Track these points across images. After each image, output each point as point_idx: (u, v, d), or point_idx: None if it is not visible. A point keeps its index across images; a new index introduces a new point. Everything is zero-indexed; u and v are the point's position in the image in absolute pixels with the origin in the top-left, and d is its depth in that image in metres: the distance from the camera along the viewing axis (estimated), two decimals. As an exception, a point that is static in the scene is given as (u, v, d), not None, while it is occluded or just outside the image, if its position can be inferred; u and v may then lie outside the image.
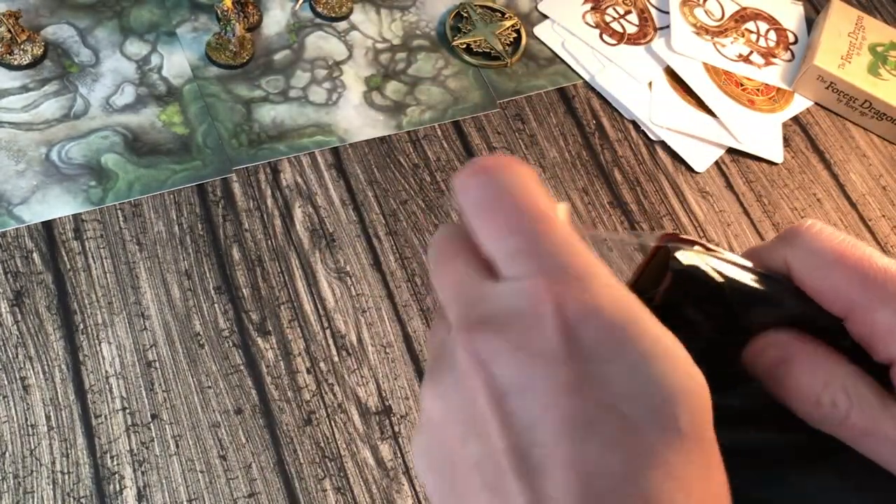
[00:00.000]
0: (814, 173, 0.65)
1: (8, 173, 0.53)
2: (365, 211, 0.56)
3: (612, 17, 0.70)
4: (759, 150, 0.65)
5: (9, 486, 0.44)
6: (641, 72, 0.67)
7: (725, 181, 0.63)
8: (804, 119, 0.68)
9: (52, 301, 0.50)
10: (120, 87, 0.58)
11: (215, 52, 0.60)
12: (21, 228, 0.52)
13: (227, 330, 0.51)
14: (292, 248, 0.54)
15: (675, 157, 0.64)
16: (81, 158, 0.55)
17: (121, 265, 0.52)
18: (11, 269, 0.50)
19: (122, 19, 0.62)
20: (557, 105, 0.64)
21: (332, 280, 0.53)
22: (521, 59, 0.66)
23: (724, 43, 0.70)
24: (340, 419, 0.49)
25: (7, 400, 0.46)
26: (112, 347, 0.49)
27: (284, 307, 0.52)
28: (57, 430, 0.46)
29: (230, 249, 0.53)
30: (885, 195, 0.65)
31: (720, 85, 0.67)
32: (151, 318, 0.50)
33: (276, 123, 0.59)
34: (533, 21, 0.69)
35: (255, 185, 0.56)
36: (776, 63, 0.71)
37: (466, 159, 0.60)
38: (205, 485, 0.46)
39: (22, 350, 0.48)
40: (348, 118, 0.60)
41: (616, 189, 0.61)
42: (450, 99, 0.63)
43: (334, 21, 0.65)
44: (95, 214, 0.53)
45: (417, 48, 0.65)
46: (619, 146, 0.63)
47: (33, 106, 0.56)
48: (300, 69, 0.62)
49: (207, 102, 0.59)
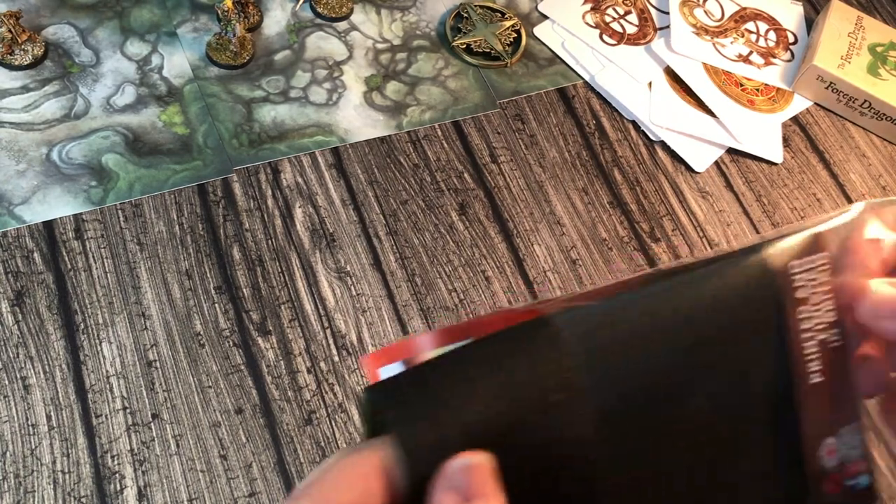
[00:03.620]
0: (813, 173, 0.65)
1: (9, 173, 0.54)
2: (365, 211, 0.57)
3: (611, 18, 0.70)
4: (758, 150, 0.65)
5: (9, 486, 0.44)
6: (641, 72, 0.67)
7: (725, 181, 0.63)
8: (804, 119, 0.69)
9: (52, 301, 0.50)
10: (120, 88, 0.58)
11: (216, 52, 0.60)
12: (22, 228, 0.52)
13: (227, 330, 0.51)
14: (293, 247, 0.54)
15: (674, 157, 0.64)
16: (82, 158, 0.55)
17: (121, 265, 0.52)
18: (12, 268, 0.50)
19: (122, 20, 0.62)
20: (557, 105, 0.64)
21: (332, 280, 0.53)
22: (521, 59, 0.66)
23: (723, 43, 0.70)
24: (341, 419, 0.49)
25: (8, 399, 0.46)
26: (113, 347, 0.49)
27: (285, 307, 0.52)
28: (58, 430, 0.46)
29: (231, 249, 0.53)
30: (885, 195, 0.65)
31: (720, 85, 0.67)
32: (152, 318, 0.50)
33: (276, 123, 0.59)
34: (533, 21, 0.69)
35: (256, 185, 0.56)
36: (776, 63, 0.71)
37: (466, 159, 0.60)
38: (205, 484, 0.46)
39: (23, 350, 0.48)
40: (348, 118, 0.60)
41: (616, 189, 0.61)
42: (450, 99, 0.63)
43: (334, 21, 0.65)
44: (96, 214, 0.53)
45: (417, 48, 0.65)
46: (619, 146, 0.63)
47: (34, 106, 0.57)
48: (300, 69, 0.62)
49: (208, 103, 0.59)
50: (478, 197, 0.59)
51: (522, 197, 0.59)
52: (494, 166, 0.60)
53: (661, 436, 0.28)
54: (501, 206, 0.58)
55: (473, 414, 0.25)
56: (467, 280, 0.55)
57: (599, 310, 0.28)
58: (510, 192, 0.59)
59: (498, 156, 0.61)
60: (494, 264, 0.56)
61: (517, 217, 0.58)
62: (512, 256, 0.56)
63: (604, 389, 0.27)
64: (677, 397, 0.28)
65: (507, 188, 0.59)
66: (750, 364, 0.30)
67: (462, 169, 0.60)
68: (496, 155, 0.61)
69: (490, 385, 0.26)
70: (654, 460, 0.28)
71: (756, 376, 0.30)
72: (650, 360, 0.28)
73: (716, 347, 0.30)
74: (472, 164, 0.60)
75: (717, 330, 0.30)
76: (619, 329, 0.28)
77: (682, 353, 0.29)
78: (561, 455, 0.26)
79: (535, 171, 0.61)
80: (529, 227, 0.58)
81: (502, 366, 0.26)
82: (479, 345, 0.27)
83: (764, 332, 0.30)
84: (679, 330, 0.29)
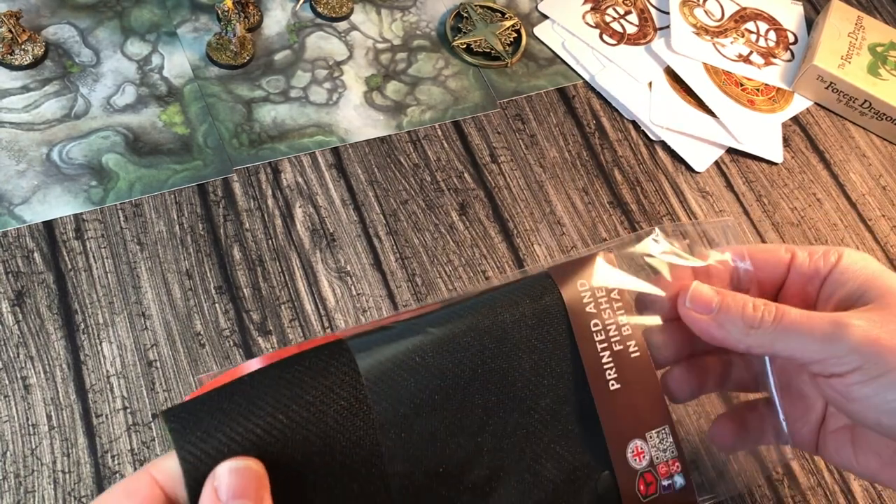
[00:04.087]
0: (813, 173, 0.65)
1: (9, 173, 0.54)
2: (365, 211, 0.57)
3: (612, 18, 0.70)
4: (758, 150, 0.65)
5: (10, 486, 0.44)
6: (641, 72, 0.67)
7: (725, 181, 0.63)
8: (804, 119, 0.69)
9: (53, 301, 0.50)
10: (121, 88, 0.58)
11: (216, 52, 0.60)
12: (22, 228, 0.52)
13: (227, 329, 0.51)
14: (293, 247, 0.54)
15: (675, 157, 0.64)
16: (82, 158, 0.55)
17: (122, 265, 0.52)
18: (12, 268, 0.51)
19: (122, 19, 0.62)
20: (557, 105, 0.64)
21: (332, 280, 0.53)
22: (521, 59, 0.66)
23: (723, 43, 0.70)
24: (341, 419, 0.49)
25: (8, 399, 0.47)
26: (113, 347, 0.49)
27: (285, 307, 0.52)
28: (58, 430, 0.46)
29: (231, 249, 0.53)
30: (885, 195, 0.65)
31: (720, 85, 0.67)
32: (152, 318, 0.50)
33: (276, 123, 0.59)
34: (533, 21, 0.69)
35: (256, 185, 0.56)
36: (776, 63, 0.71)
37: (466, 159, 0.60)
38: (206, 484, 0.46)
39: (23, 350, 0.48)
40: (349, 118, 0.60)
41: (616, 189, 0.61)
42: (450, 99, 0.63)
43: (335, 21, 0.65)
44: (96, 214, 0.53)
45: (418, 48, 0.65)
46: (619, 146, 0.63)
47: (34, 106, 0.57)
48: (301, 69, 0.62)
49: (208, 102, 0.59)
50: (478, 197, 0.59)
51: (522, 197, 0.59)
52: (494, 166, 0.60)
53: (446, 443, 0.30)
54: (501, 206, 0.58)
55: (253, 425, 0.27)
56: (467, 280, 0.55)
57: (388, 333, 0.31)
58: (510, 192, 0.59)
59: (498, 156, 0.61)
60: (495, 264, 0.56)
61: (517, 217, 0.58)
62: (512, 256, 0.56)
63: (385, 400, 0.29)
64: (460, 407, 0.30)
65: (507, 188, 0.59)
66: (539, 374, 0.32)
67: (462, 169, 0.60)
68: (496, 155, 0.61)
69: (274, 398, 0.28)
70: (440, 466, 0.29)
71: (546, 386, 0.32)
72: (432, 375, 0.30)
73: (500, 361, 0.32)
74: (472, 164, 0.60)
75: (504, 345, 0.32)
76: (402, 347, 0.30)
77: (466, 367, 0.31)
78: (345, 458, 0.28)
79: (535, 170, 0.61)
80: (530, 226, 0.58)
81: (291, 382, 0.28)
82: (275, 366, 0.29)
83: (553, 345, 0.33)
84: (465, 346, 0.31)
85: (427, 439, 0.29)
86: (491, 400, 0.31)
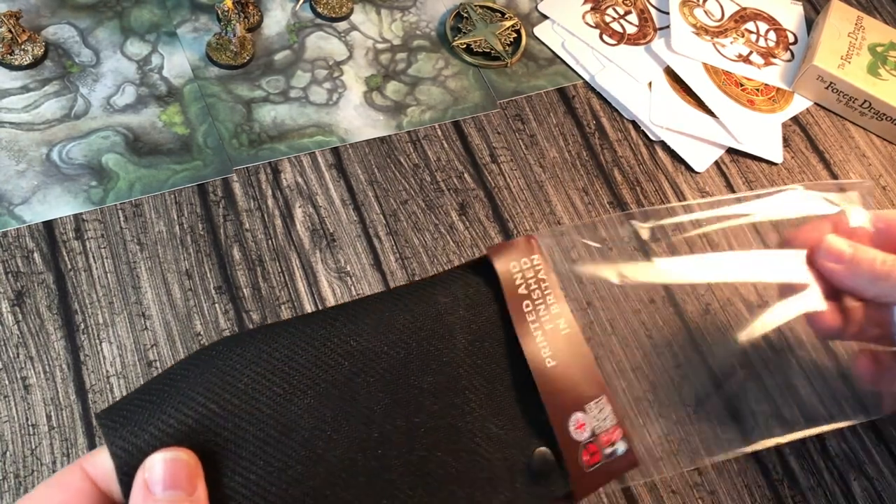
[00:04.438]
0: (813, 173, 0.65)
1: (8, 173, 0.54)
2: (365, 211, 0.57)
3: (611, 18, 0.70)
4: (758, 150, 0.65)
5: (9, 486, 0.44)
6: (641, 72, 0.67)
7: (725, 181, 0.63)
8: (804, 119, 0.69)
9: (52, 301, 0.50)
10: (121, 88, 0.58)
11: (216, 52, 0.60)
12: (22, 228, 0.52)
13: (227, 330, 0.51)
14: (293, 247, 0.54)
15: (674, 157, 0.64)
16: (82, 158, 0.55)
17: (121, 265, 0.52)
18: (12, 268, 0.51)
19: (122, 20, 0.62)
20: (557, 105, 0.64)
21: (332, 280, 0.53)
22: (521, 59, 0.66)
23: (723, 43, 0.70)
24: (341, 419, 0.49)
25: (8, 399, 0.47)
26: (113, 347, 0.49)
27: (285, 307, 0.52)
28: (58, 430, 0.46)
29: (231, 249, 0.53)
30: (885, 195, 0.65)
31: (720, 85, 0.67)
32: (152, 318, 0.50)
33: (276, 123, 0.59)
34: (533, 21, 0.69)
35: (256, 186, 0.56)
36: (776, 63, 0.71)
37: (466, 159, 0.60)
38: (205, 484, 0.46)
39: (23, 350, 0.48)
40: (349, 118, 0.60)
41: (616, 189, 0.61)
42: (450, 99, 0.63)
43: (334, 21, 0.65)
44: (96, 214, 0.53)
45: (417, 48, 0.65)
46: (619, 146, 0.63)
47: (34, 106, 0.57)
48: (300, 69, 0.62)
49: (208, 103, 0.59)
50: (478, 197, 0.59)
51: (522, 197, 0.59)
52: (494, 166, 0.60)
53: (383, 425, 0.30)
54: (501, 207, 0.58)
55: (184, 416, 0.27)
56: (467, 280, 0.55)
57: (322, 316, 0.31)
58: (510, 192, 0.59)
59: (498, 156, 0.61)
60: (494, 264, 0.56)
61: (517, 217, 0.58)
62: (512, 256, 0.56)
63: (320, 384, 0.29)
64: (397, 388, 0.31)
65: (507, 188, 0.59)
66: (473, 354, 0.33)
67: (462, 169, 0.60)
68: (496, 155, 0.61)
69: (206, 388, 0.28)
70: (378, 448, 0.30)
71: (480, 366, 0.33)
72: (367, 358, 0.31)
73: (436, 342, 0.32)
74: (472, 164, 0.60)
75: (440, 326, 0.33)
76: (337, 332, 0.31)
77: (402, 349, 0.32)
78: (280, 444, 0.28)
79: (535, 171, 0.61)
80: (529, 226, 0.58)
81: (223, 370, 0.28)
82: (206, 354, 0.29)
83: (488, 325, 0.34)
84: (401, 328, 0.32)
85: (363, 422, 0.29)
86: (427, 380, 0.31)
